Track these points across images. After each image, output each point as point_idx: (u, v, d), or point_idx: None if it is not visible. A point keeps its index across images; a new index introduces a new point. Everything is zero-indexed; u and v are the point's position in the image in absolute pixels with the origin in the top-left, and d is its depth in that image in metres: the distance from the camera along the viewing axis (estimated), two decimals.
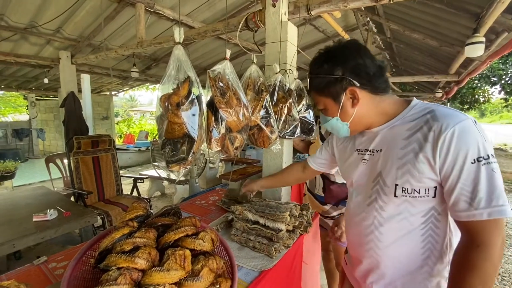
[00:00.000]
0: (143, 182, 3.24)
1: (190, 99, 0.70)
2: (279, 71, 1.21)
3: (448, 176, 0.62)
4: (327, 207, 1.49)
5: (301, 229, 1.15)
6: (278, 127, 1.11)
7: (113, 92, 8.52)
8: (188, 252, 0.75)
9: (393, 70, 6.76)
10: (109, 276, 0.64)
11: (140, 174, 3.76)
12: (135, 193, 3.20)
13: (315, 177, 1.52)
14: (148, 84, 8.00)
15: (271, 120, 1.03)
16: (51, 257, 0.98)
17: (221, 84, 0.81)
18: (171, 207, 0.93)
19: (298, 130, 1.19)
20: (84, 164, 2.88)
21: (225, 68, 0.85)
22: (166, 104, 0.69)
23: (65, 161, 3.07)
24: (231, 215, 1.18)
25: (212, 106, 0.79)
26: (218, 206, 1.46)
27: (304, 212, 1.20)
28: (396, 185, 0.69)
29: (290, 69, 1.39)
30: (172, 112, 0.68)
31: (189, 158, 0.73)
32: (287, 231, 1.09)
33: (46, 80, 4.62)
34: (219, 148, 0.82)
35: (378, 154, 0.75)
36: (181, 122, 0.68)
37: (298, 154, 3.59)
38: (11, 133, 7.96)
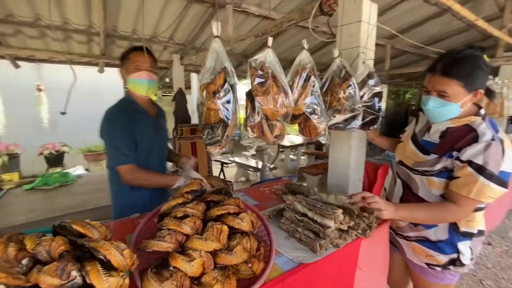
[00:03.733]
0: (227, 166, 3.63)
1: (225, 87, 0.75)
2: (338, 56, 1.10)
3: None
4: (402, 223, 1.22)
5: (359, 231, 1.04)
6: (330, 117, 1.02)
7: None
8: (225, 228, 0.82)
9: None
10: (161, 234, 0.79)
11: (229, 160, 4.21)
12: (221, 177, 3.63)
13: (395, 181, 1.29)
14: (243, 80, 8.70)
15: (319, 108, 0.96)
16: (142, 215, 1.27)
17: (261, 72, 0.82)
18: (222, 187, 1.03)
19: (358, 121, 1.06)
20: (185, 147, 3.48)
21: (267, 56, 0.86)
22: (204, 93, 0.77)
23: (170, 145, 3.81)
24: (283, 204, 1.18)
25: (250, 95, 0.81)
26: (278, 195, 1.48)
27: (366, 214, 1.07)
28: None
29: (363, 52, 1.24)
30: (209, 100, 0.76)
31: (223, 141, 0.79)
32: (340, 230, 1.01)
33: (167, 79, 5.78)
34: (255, 135, 0.84)
35: None
36: (217, 108, 0.75)
37: (387, 152, 3.15)
38: None
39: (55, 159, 4.23)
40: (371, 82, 1.15)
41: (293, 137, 5.33)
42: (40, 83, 3.61)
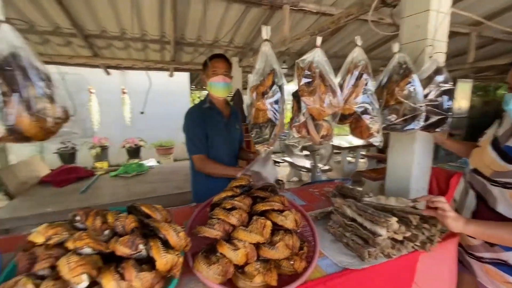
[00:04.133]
0: (279, 165, 3.65)
1: (273, 88, 0.77)
2: (398, 51, 1.00)
3: None
4: (474, 241, 1.04)
5: (417, 243, 0.94)
6: (386, 117, 0.94)
7: None
8: (269, 223, 0.85)
9: None
10: (211, 222, 0.87)
11: (281, 159, 4.24)
12: None
13: (466, 192, 1.12)
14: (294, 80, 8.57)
15: (372, 108, 0.89)
16: (198, 204, 1.40)
17: (308, 72, 0.81)
18: (269, 184, 1.07)
19: (419, 122, 0.94)
20: None
21: (315, 56, 0.84)
22: (254, 94, 0.81)
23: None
24: (332, 207, 1.15)
25: (296, 95, 0.82)
26: (328, 198, 1.44)
27: (427, 226, 0.96)
28: None
29: (431, 45, 1.11)
30: (258, 100, 0.79)
31: (271, 140, 0.82)
32: (393, 239, 0.93)
33: None
34: (300, 135, 0.84)
35: None
36: (265, 108, 0.78)
37: (464, 158, 2.70)
38: None
39: (134, 151, 4.95)
40: (439, 78, 1.01)
41: (352, 138, 5.02)
42: (124, 87, 4.29)
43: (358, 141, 4.97)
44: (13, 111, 0.54)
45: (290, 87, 0.93)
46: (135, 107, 5.42)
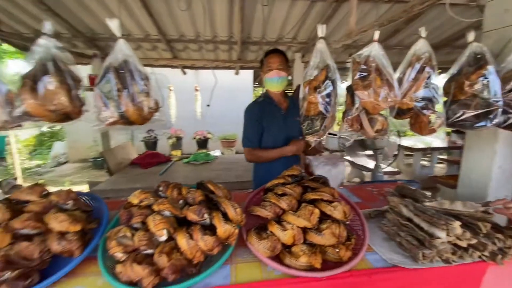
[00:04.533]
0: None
1: (326, 83, 0.80)
2: (473, 40, 0.88)
3: None
4: None
5: (485, 253, 0.84)
6: (454, 112, 0.84)
7: None
8: (317, 211, 0.90)
9: None
10: (264, 204, 0.97)
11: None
12: None
13: None
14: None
15: (434, 103, 0.81)
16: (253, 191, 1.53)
17: (364, 66, 0.81)
18: (320, 176, 1.10)
19: (495, 118, 0.81)
20: None
21: (372, 50, 0.82)
22: (307, 88, 0.86)
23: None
24: (387, 206, 1.11)
25: (350, 89, 0.82)
26: (386, 198, 1.37)
27: (501, 236, 0.86)
28: None
29: None
30: (310, 94, 0.84)
31: (321, 131, 0.85)
32: (455, 245, 0.86)
33: (289, 77, 6.21)
34: (352, 128, 0.84)
35: None
36: (317, 102, 0.82)
37: None
38: None
39: (203, 143, 5.49)
40: None
41: (430, 139, 4.42)
42: (197, 85, 4.82)
43: (437, 142, 4.37)
44: (124, 102, 0.75)
45: (345, 84, 0.94)
46: (204, 103, 5.99)
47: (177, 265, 0.75)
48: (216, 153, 4.52)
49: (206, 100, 5.62)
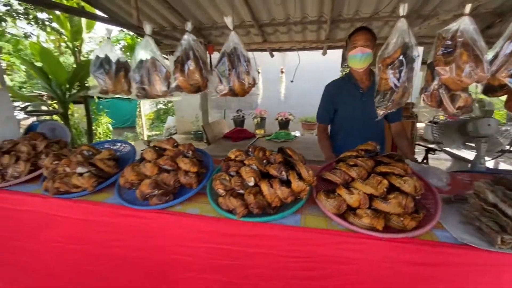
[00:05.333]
0: (434, 153, 3.13)
1: (399, 59, 0.82)
2: None
3: None
4: None
5: None
6: None
7: None
8: (385, 181, 0.97)
9: None
10: (334, 171, 1.10)
11: (438, 147, 3.57)
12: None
13: None
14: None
15: None
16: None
17: (449, 42, 0.77)
18: (395, 154, 1.13)
19: None
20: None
21: (461, 24, 0.76)
22: (380, 65, 0.89)
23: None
24: (471, 191, 1.04)
25: (431, 65, 0.80)
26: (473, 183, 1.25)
27: None
28: None
29: None
30: (382, 71, 0.87)
31: (389, 104, 0.89)
32: None
33: None
34: (429, 103, 0.83)
35: None
36: (387, 77, 0.85)
37: None
38: None
39: (284, 124, 5.75)
40: None
41: None
42: (283, 67, 5.01)
43: None
44: (232, 79, 1.02)
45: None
46: (289, 84, 6.16)
47: (260, 203, 0.99)
48: (296, 133, 4.69)
49: (291, 83, 5.77)
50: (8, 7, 4.83)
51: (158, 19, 4.00)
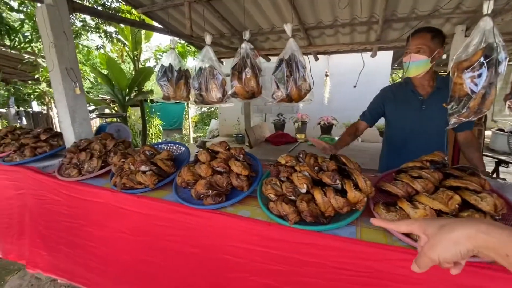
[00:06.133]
0: (507, 166, 2.71)
1: (479, 62, 0.71)
2: None
3: None
4: None
5: None
6: None
7: None
8: (457, 197, 0.88)
9: None
10: (395, 182, 1.03)
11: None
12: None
13: None
14: None
15: None
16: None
17: None
18: (468, 166, 1.00)
19: None
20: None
21: None
22: (455, 69, 0.79)
23: None
24: None
25: None
26: None
27: None
28: None
29: None
30: (457, 76, 0.77)
31: (464, 112, 0.78)
32: None
33: (444, 56, 5.10)
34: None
35: None
36: (463, 82, 0.75)
37: None
38: None
39: (327, 128, 5.57)
40: None
41: None
42: (328, 70, 4.88)
43: None
44: (289, 85, 1.02)
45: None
46: (333, 88, 5.97)
47: (313, 212, 0.97)
48: None
49: (335, 85, 5.57)
50: (83, 23, 5.59)
51: (208, 27, 4.23)
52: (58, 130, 2.23)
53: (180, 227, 1.23)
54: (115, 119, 4.22)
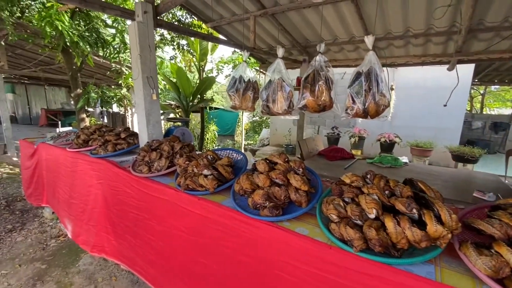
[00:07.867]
0: None
1: None
2: None
3: None
4: None
5: None
6: None
7: None
8: None
9: None
10: (491, 221, 0.86)
11: None
12: None
13: None
14: None
15: None
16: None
17: None
18: None
19: None
20: None
21: None
22: None
23: None
24: None
25: None
26: None
27: None
28: None
29: None
30: None
31: None
32: None
33: None
34: None
35: None
36: None
37: None
38: (489, 125, 8.47)
39: (388, 146, 5.12)
40: None
41: None
42: (393, 83, 4.50)
43: None
44: (368, 100, 0.96)
45: None
46: (398, 102, 5.48)
47: (383, 241, 0.87)
48: (403, 159, 4.07)
49: (400, 100, 5.11)
50: (161, 37, 6.36)
51: (269, 39, 4.36)
52: (133, 130, 2.53)
53: (234, 233, 1.25)
54: (180, 123, 4.62)
